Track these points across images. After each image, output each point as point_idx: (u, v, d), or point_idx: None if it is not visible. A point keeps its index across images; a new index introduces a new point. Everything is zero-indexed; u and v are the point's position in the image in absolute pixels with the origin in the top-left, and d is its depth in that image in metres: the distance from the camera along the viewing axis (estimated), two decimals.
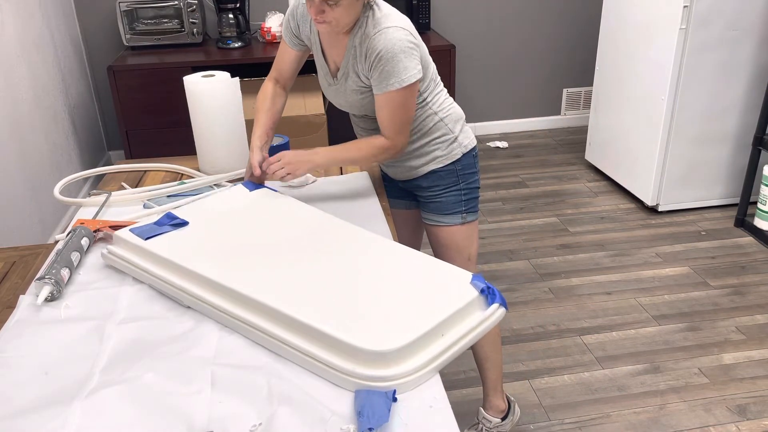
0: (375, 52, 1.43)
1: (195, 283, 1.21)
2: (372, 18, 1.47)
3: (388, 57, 1.42)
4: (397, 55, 1.42)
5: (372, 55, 1.44)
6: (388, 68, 1.43)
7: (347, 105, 1.61)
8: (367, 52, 1.45)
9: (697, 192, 3.24)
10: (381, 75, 1.44)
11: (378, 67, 1.44)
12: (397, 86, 1.45)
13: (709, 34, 2.88)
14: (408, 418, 0.95)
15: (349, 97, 1.57)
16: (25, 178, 2.71)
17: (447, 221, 1.70)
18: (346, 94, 1.57)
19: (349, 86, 1.54)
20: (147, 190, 1.68)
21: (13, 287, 1.37)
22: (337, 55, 1.55)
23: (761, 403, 2.07)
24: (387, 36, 1.43)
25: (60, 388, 1.02)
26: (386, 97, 1.47)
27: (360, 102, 1.56)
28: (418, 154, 1.64)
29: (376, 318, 1.06)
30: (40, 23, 3.09)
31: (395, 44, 1.42)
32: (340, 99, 1.61)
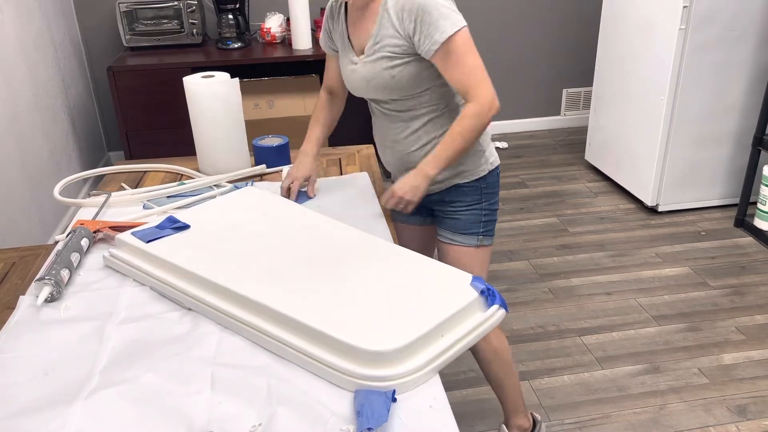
0: (413, 9, 1.36)
1: (196, 286, 1.21)
2: None
3: (426, 9, 1.35)
4: (434, 8, 1.35)
5: (412, 10, 1.37)
6: (435, 15, 1.35)
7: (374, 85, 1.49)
8: (404, 11, 1.38)
9: (697, 192, 3.24)
10: (430, 26, 1.36)
11: (424, 19, 1.36)
12: (452, 30, 1.35)
13: (709, 35, 2.88)
14: (407, 418, 0.95)
15: (376, 67, 1.46)
16: (24, 178, 2.71)
17: (462, 241, 1.62)
18: (375, 68, 1.47)
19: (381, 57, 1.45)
20: (147, 191, 1.68)
21: (13, 288, 1.37)
22: (363, 32, 1.49)
23: (761, 404, 2.07)
24: None
25: (60, 389, 1.02)
26: (446, 49, 1.37)
27: (390, 75, 1.45)
28: None
29: (375, 318, 1.06)
30: (40, 24, 3.09)
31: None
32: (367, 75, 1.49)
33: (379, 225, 1.51)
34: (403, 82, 1.45)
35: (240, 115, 1.79)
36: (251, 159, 1.92)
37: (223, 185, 1.73)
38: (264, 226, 1.40)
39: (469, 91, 1.41)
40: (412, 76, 1.45)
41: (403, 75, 1.45)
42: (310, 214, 1.44)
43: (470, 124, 1.42)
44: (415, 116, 1.52)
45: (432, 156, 1.45)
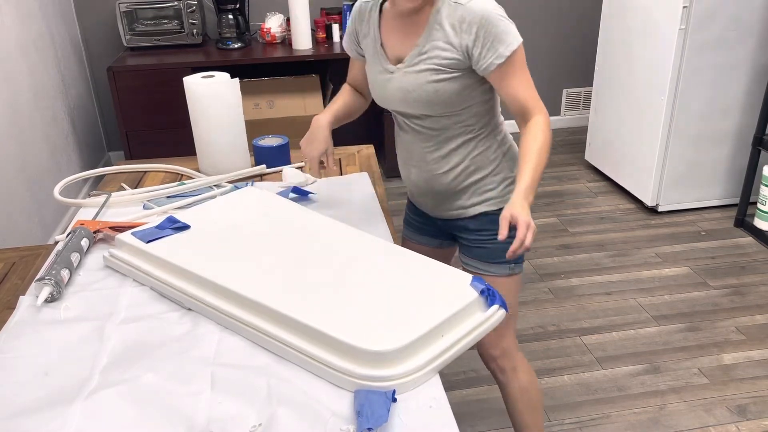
0: (477, 16, 1.28)
1: (196, 286, 1.21)
2: None
3: (494, 18, 1.28)
4: (501, 15, 1.29)
5: (474, 21, 1.28)
6: (499, 28, 1.28)
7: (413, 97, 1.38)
8: (463, 21, 1.30)
9: (697, 192, 3.24)
10: (494, 39, 1.28)
11: (488, 31, 1.28)
12: (515, 44, 1.30)
13: (709, 35, 2.88)
14: (407, 418, 0.95)
15: (419, 79, 1.36)
16: (24, 179, 2.71)
17: (492, 271, 1.50)
18: (417, 80, 1.36)
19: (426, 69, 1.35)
20: (147, 191, 1.68)
21: (13, 288, 1.37)
22: (404, 41, 1.39)
23: (761, 404, 2.07)
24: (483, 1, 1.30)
25: (60, 389, 1.02)
26: (508, 63, 1.30)
27: (433, 89, 1.35)
28: (470, 192, 1.46)
29: (375, 318, 1.06)
30: (40, 24, 3.09)
31: (495, 7, 1.30)
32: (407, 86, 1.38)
33: (379, 225, 1.51)
34: (445, 97, 1.36)
35: (240, 115, 1.79)
36: (251, 159, 1.92)
37: (223, 185, 1.73)
38: (264, 226, 1.40)
39: (529, 103, 1.34)
40: (456, 91, 1.36)
41: (447, 90, 1.35)
42: (310, 215, 1.44)
43: (547, 139, 1.33)
44: (450, 136, 1.42)
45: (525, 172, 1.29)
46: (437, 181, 1.48)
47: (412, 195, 1.60)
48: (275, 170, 1.84)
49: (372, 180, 1.78)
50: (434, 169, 1.46)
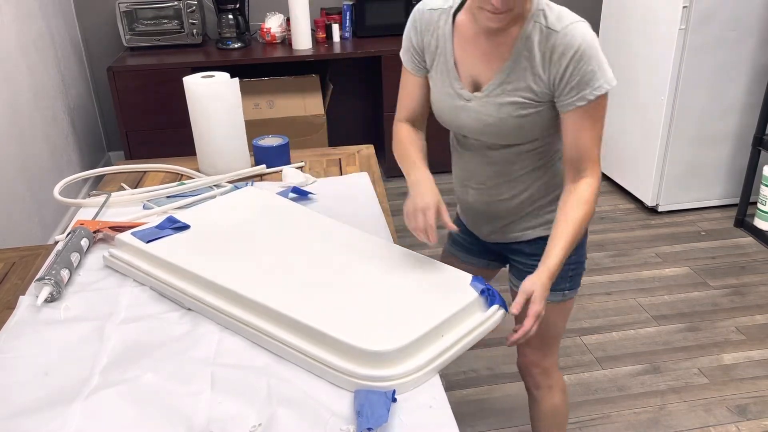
0: (572, 48, 1.14)
1: (196, 286, 1.21)
2: (550, 10, 1.18)
3: (591, 53, 1.14)
4: (599, 52, 1.15)
5: (568, 53, 1.14)
6: (592, 67, 1.14)
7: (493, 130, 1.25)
8: (555, 51, 1.15)
9: (697, 192, 3.24)
10: (585, 77, 1.15)
11: (578, 67, 1.14)
12: (606, 88, 1.16)
13: (709, 35, 2.88)
14: (407, 418, 0.95)
15: (501, 112, 1.22)
16: (24, 178, 2.71)
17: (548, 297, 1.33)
18: (499, 113, 1.23)
19: (510, 102, 1.22)
20: (147, 191, 1.68)
21: (13, 288, 1.37)
22: (483, 63, 1.23)
23: (761, 404, 2.07)
24: (582, 29, 1.15)
25: (60, 389, 1.02)
26: (589, 107, 1.17)
27: (514, 121, 1.22)
28: (535, 214, 1.36)
29: (375, 318, 1.06)
30: (40, 24, 3.09)
31: (594, 39, 1.15)
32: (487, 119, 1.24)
33: (379, 225, 1.51)
34: (527, 129, 1.24)
35: (240, 115, 1.79)
36: (251, 159, 1.92)
37: (223, 185, 1.73)
38: (264, 226, 1.40)
39: (587, 162, 1.21)
40: (539, 124, 1.24)
41: (531, 123, 1.23)
42: (310, 215, 1.44)
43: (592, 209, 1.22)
44: (518, 162, 1.31)
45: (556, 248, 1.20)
46: (498, 206, 1.37)
47: (465, 216, 1.49)
48: (275, 170, 1.84)
49: (372, 180, 1.78)
50: (497, 194, 1.36)
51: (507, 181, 1.34)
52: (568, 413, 1.63)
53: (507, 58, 1.20)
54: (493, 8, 1.11)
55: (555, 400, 1.58)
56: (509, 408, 2.07)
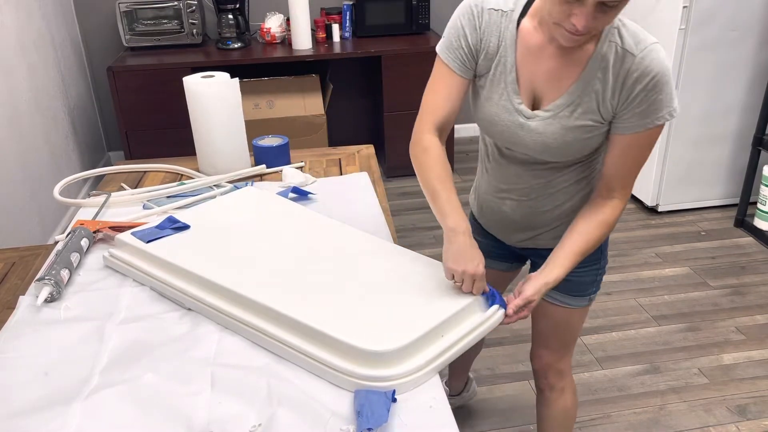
0: (648, 75, 1.08)
1: (196, 286, 1.21)
2: (625, 28, 1.11)
3: (665, 81, 1.08)
4: (671, 79, 1.10)
5: (642, 80, 1.08)
6: (664, 95, 1.09)
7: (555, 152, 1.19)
8: (629, 75, 1.09)
9: (697, 192, 3.24)
10: (653, 104, 1.10)
11: (649, 95, 1.09)
12: (668, 119, 1.11)
13: (709, 35, 2.88)
14: (407, 418, 0.95)
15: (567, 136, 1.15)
16: (24, 178, 2.71)
17: (573, 303, 1.40)
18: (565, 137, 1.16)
19: (576, 122, 1.14)
20: (147, 191, 1.68)
21: (13, 288, 1.37)
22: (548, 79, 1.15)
23: (761, 404, 2.07)
24: (658, 54, 1.08)
25: (60, 389, 1.02)
26: (640, 138, 1.13)
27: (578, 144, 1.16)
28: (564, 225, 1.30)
29: (375, 319, 1.06)
30: (40, 24, 3.09)
31: (667, 67, 1.09)
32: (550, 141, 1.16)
33: (379, 225, 1.51)
34: (587, 148, 1.19)
35: (240, 115, 1.79)
36: (251, 159, 1.92)
37: (223, 185, 1.73)
38: (264, 226, 1.40)
39: (619, 185, 1.18)
40: (599, 143, 1.20)
41: (593, 144, 1.19)
42: (310, 215, 1.44)
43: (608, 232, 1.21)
44: (564, 174, 1.26)
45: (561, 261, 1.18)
46: (537, 217, 1.33)
47: (490, 222, 1.42)
48: (275, 170, 1.84)
49: (372, 180, 1.78)
50: (538, 206, 1.31)
51: (551, 194, 1.29)
52: (576, 416, 1.63)
53: (577, 77, 1.13)
54: (573, 29, 1.03)
55: (567, 403, 1.57)
56: (509, 408, 2.07)
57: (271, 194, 1.55)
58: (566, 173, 1.26)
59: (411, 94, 3.47)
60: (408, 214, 3.32)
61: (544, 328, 1.50)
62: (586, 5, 0.99)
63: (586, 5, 0.99)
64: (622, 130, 1.14)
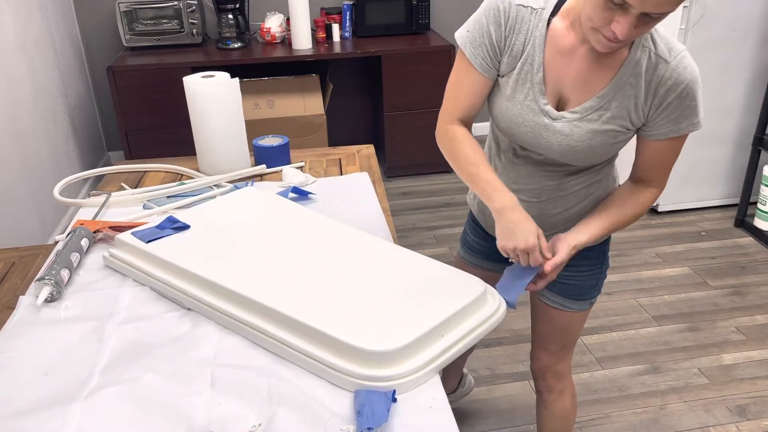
0: (682, 83, 1.08)
1: (196, 286, 1.21)
2: (657, 33, 1.10)
3: (696, 89, 1.09)
4: (701, 90, 1.10)
5: (676, 88, 1.08)
6: (696, 102, 1.10)
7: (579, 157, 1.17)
8: (661, 83, 1.09)
9: (697, 192, 3.24)
10: (685, 111, 1.10)
11: (679, 103, 1.09)
12: (700, 126, 1.13)
13: (709, 35, 2.88)
14: (407, 418, 0.95)
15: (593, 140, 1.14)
16: (24, 178, 2.71)
17: (574, 307, 1.40)
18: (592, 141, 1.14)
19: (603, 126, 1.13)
20: (147, 191, 1.68)
21: (13, 288, 1.37)
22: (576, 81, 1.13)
23: (761, 404, 2.07)
24: (691, 63, 1.09)
25: (60, 389, 1.02)
26: (675, 142, 1.14)
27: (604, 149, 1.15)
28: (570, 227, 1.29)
29: (375, 318, 1.06)
30: (40, 24, 3.09)
31: (698, 75, 1.09)
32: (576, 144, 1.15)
33: (379, 225, 1.51)
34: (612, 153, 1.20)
35: (240, 115, 1.79)
36: (251, 159, 1.92)
37: (223, 185, 1.73)
38: (264, 226, 1.40)
39: (658, 178, 1.21)
40: (621, 147, 1.21)
41: (618, 148, 1.20)
42: (310, 215, 1.44)
43: (642, 212, 1.22)
44: (578, 177, 1.26)
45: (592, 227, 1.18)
46: (546, 220, 1.31)
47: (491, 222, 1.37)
48: (275, 170, 1.84)
49: (372, 180, 1.78)
50: (549, 208, 1.30)
51: (562, 197, 1.28)
52: (575, 418, 1.63)
53: (608, 81, 1.11)
54: (613, 37, 1.01)
55: (566, 405, 1.57)
56: (509, 408, 2.07)
57: (271, 194, 1.54)
58: (579, 176, 1.25)
59: (411, 94, 3.47)
60: (408, 214, 3.32)
61: (544, 330, 1.50)
62: (630, 14, 0.97)
63: (630, 14, 0.97)
64: (656, 137, 1.14)
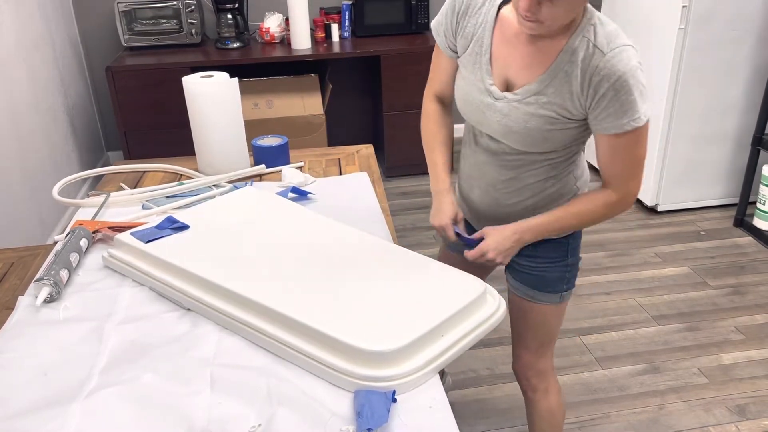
0: (613, 75, 1.10)
1: (195, 286, 1.20)
2: (601, 26, 1.14)
3: (628, 84, 1.10)
4: (638, 84, 1.10)
5: (609, 80, 1.10)
6: (633, 97, 1.11)
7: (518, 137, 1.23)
8: (596, 74, 1.11)
9: (697, 192, 3.24)
10: (622, 107, 1.11)
11: (619, 96, 1.11)
12: (643, 121, 1.12)
13: (708, 34, 2.88)
14: (407, 418, 0.95)
15: (529, 122, 1.19)
16: (23, 178, 2.71)
17: (543, 299, 1.42)
18: (528, 123, 1.20)
19: (542, 115, 1.18)
20: (146, 191, 1.68)
21: (12, 288, 1.37)
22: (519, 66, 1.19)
23: (760, 403, 2.07)
24: (628, 56, 1.11)
25: (59, 389, 1.02)
26: (621, 139, 1.15)
27: (540, 134, 1.20)
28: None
29: (375, 319, 1.06)
30: (39, 24, 3.08)
31: (638, 68, 1.11)
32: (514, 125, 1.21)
33: (379, 225, 1.51)
34: (551, 141, 1.22)
35: (239, 115, 1.79)
36: (250, 159, 1.92)
37: (222, 185, 1.73)
38: (263, 226, 1.39)
39: (618, 182, 1.21)
40: (567, 138, 1.22)
41: (557, 138, 1.21)
42: (310, 215, 1.44)
43: (597, 213, 1.24)
44: (532, 170, 1.29)
45: (536, 223, 1.25)
46: (502, 210, 1.36)
47: (469, 213, 1.47)
48: (274, 170, 1.84)
49: (371, 180, 1.78)
50: (503, 198, 1.35)
51: (516, 189, 1.32)
52: (564, 414, 1.63)
53: (547, 67, 1.16)
54: (523, 13, 1.08)
55: (551, 404, 1.58)
56: (508, 408, 2.07)
57: (270, 194, 1.54)
58: (533, 169, 1.29)
59: (410, 94, 3.47)
60: (408, 214, 3.32)
61: (520, 327, 1.52)
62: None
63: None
64: (602, 130, 1.17)
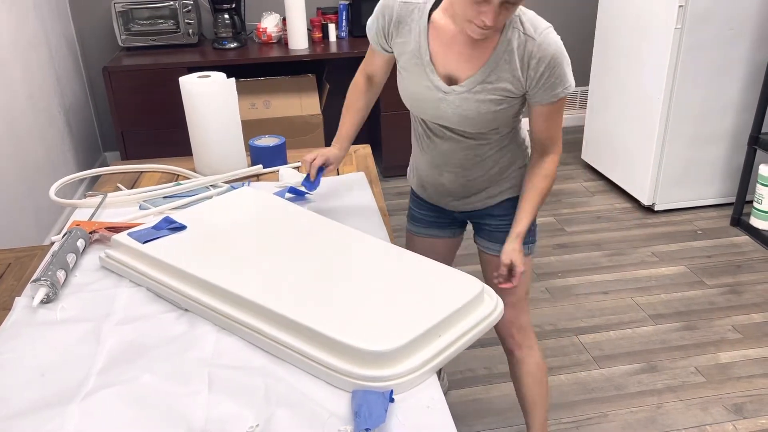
0: (547, 56, 1.30)
1: (193, 286, 1.20)
2: (524, 15, 1.33)
3: (560, 61, 1.30)
4: (566, 58, 1.32)
5: (544, 59, 1.30)
6: (563, 69, 1.31)
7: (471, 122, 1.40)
8: (532, 57, 1.30)
9: (693, 191, 3.25)
10: (556, 79, 1.32)
11: (554, 71, 1.31)
12: (571, 89, 1.34)
13: (705, 34, 2.89)
14: (405, 418, 0.95)
15: (480, 108, 1.37)
16: (20, 179, 2.70)
17: None
18: (479, 108, 1.37)
19: (489, 100, 1.36)
20: (143, 191, 1.68)
21: (9, 289, 1.37)
22: (460, 61, 1.35)
23: (758, 402, 2.08)
24: (554, 37, 1.31)
25: (57, 390, 1.02)
26: (555, 106, 1.36)
27: (492, 115, 1.38)
28: (499, 181, 1.53)
29: (373, 318, 1.06)
30: (35, 24, 3.08)
31: (561, 46, 1.31)
32: (466, 112, 1.38)
33: (376, 224, 1.51)
34: (501, 120, 1.41)
35: (236, 115, 1.79)
36: (248, 159, 1.91)
37: (219, 185, 1.73)
38: (261, 226, 1.39)
39: (550, 144, 1.43)
40: (512, 115, 1.42)
41: (505, 115, 1.40)
42: (307, 214, 1.44)
43: (550, 179, 1.44)
44: (489, 144, 1.47)
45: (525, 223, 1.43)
46: (473, 183, 1.53)
47: (431, 194, 1.60)
48: (272, 170, 1.84)
49: (369, 180, 1.78)
50: (471, 174, 1.51)
51: (480, 162, 1.49)
52: (548, 381, 1.71)
53: (486, 59, 1.33)
54: (483, 25, 1.23)
55: (537, 358, 1.67)
56: (506, 408, 2.07)
57: (267, 194, 1.54)
58: (491, 144, 1.47)
59: None
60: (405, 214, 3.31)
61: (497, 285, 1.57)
62: (493, 4, 1.19)
63: (493, 4, 1.19)
64: (539, 102, 1.36)
